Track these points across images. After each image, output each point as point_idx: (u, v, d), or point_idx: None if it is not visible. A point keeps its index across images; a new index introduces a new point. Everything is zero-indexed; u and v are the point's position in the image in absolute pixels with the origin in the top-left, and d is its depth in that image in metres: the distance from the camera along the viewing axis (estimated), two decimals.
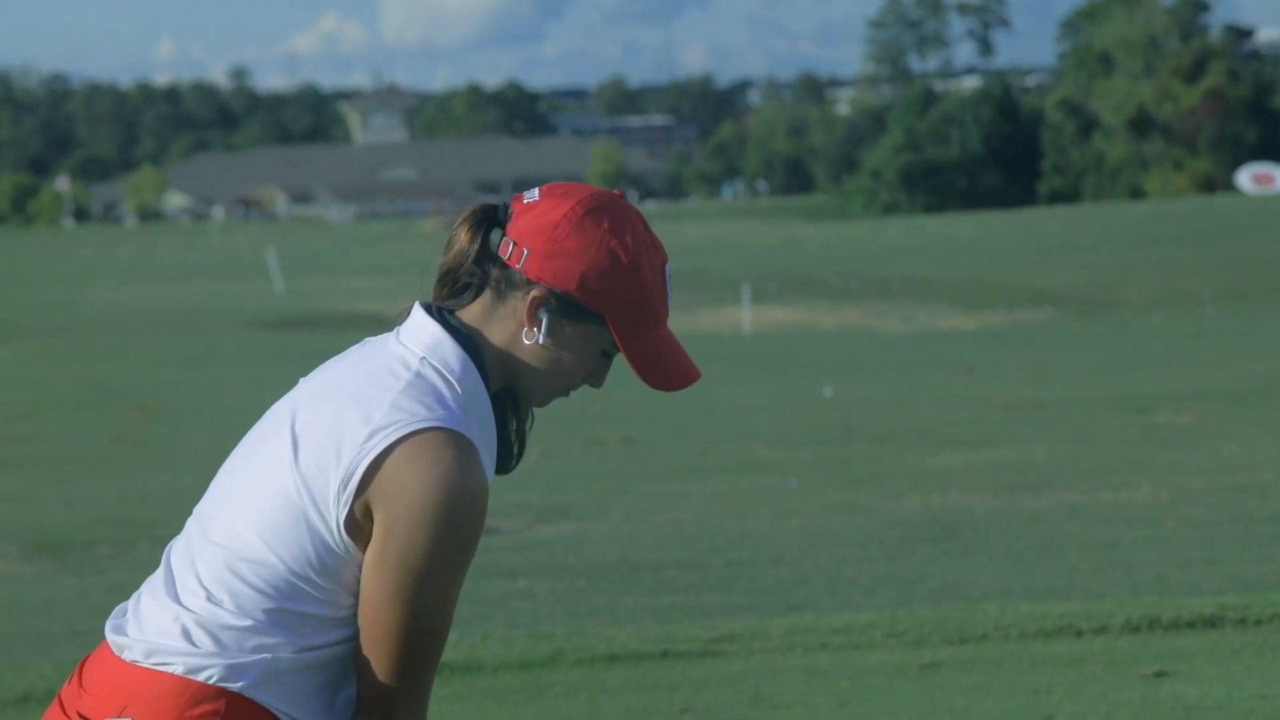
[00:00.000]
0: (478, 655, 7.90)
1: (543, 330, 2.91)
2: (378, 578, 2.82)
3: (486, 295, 2.95)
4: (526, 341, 2.93)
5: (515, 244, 2.92)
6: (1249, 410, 21.06)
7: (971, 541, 12.58)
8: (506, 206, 2.99)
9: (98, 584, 11.78)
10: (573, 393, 3.01)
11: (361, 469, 2.81)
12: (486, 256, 2.96)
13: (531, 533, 13.83)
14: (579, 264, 2.90)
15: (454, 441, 2.81)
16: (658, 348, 2.94)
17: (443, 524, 2.79)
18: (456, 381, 2.88)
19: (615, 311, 2.92)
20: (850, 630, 8.22)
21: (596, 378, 2.99)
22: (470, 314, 2.96)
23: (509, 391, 3.01)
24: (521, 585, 11.22)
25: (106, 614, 3.08)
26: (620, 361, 3.00)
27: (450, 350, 2.90)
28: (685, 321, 41.15)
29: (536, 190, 2.98)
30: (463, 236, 2.96)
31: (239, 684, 2.83)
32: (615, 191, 2.99)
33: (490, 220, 2.98)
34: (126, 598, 3.05)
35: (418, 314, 2.95)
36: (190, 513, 3.01)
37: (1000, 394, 23.90)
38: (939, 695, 7.16)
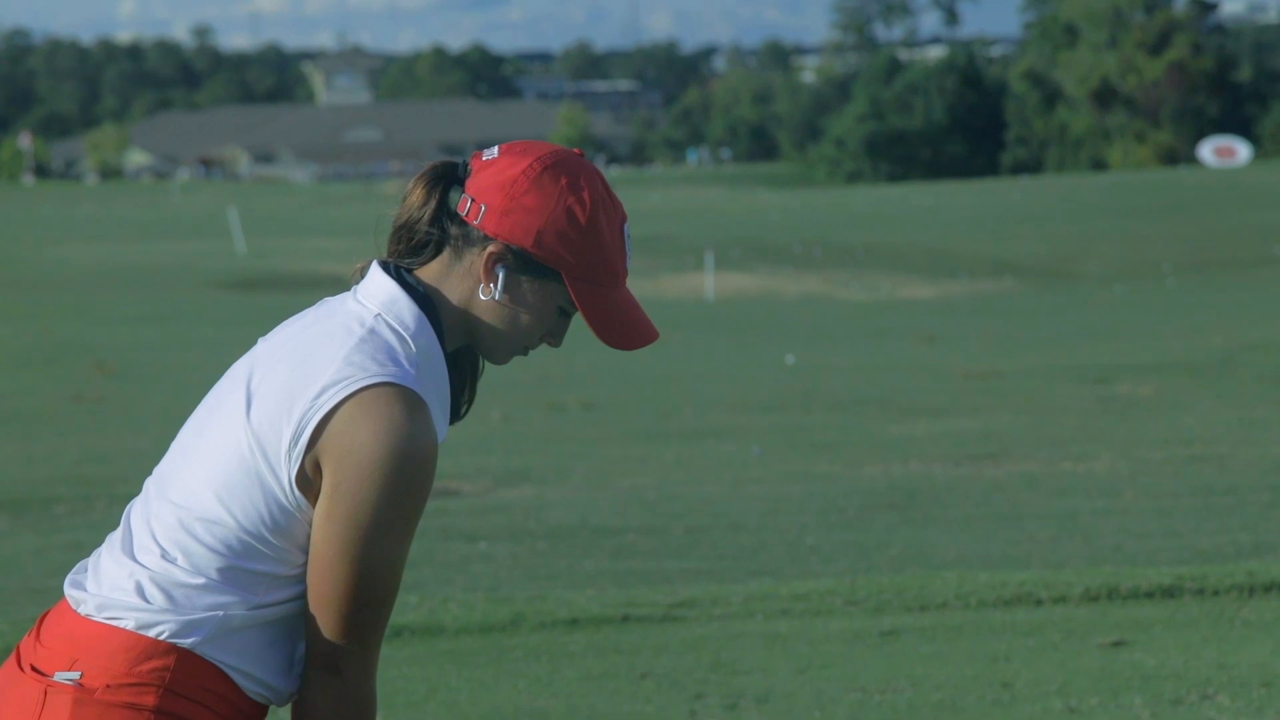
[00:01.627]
0: (438, 618, 7.89)
1: (499, 287, 2.90)
2: (326, 533, 2.81)
3: (445, 253, 2.94)
4: (483, 298, 2.92)
5: (473, 200, 2.92)
6: (1208, 382, 21.15)
7: (931, 510, 12.61)
8: (465, 164, 2.98)
9: (56, 542, 11.73)
10: (531, 351, 3.01)
11: (312, 424, 2.81)
12: (445, 214, 2.95)
13: (492, 496, 13.81)
14: (536, 220, 2.89)
15: (404, 397, 2.81)
16: (615, 307, 2.94)
17: (391, 479, 2.78)
18: (410, 338, 2.87)
19: (572, 269, 2.91)
20: (810, 597, 8.24)
21: (555, 336, 2.98)
22: (429, 272, 2.95)
23: (467, 349, 3.01)
24: (482, 548, 11.21)
25: (64, 572, 3.07)
26: (580, 322, 2.99)
27: (405, 307, 2.89)
28: (648, 287, 41.12)
29: (496, 148, 2.98)
30: (417, 193, 2.96)
31: (190, 640, 2.84)
32: (575, 150, 2.99)
33: (448, 177, 2.97)
34: (84, 556, 3.05)
35: (375, 272, 2.95)
36: (149, 472, 3.01)
37: (961, 363, 23.95)
38: (898, 662, 7.19)
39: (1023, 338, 28.73)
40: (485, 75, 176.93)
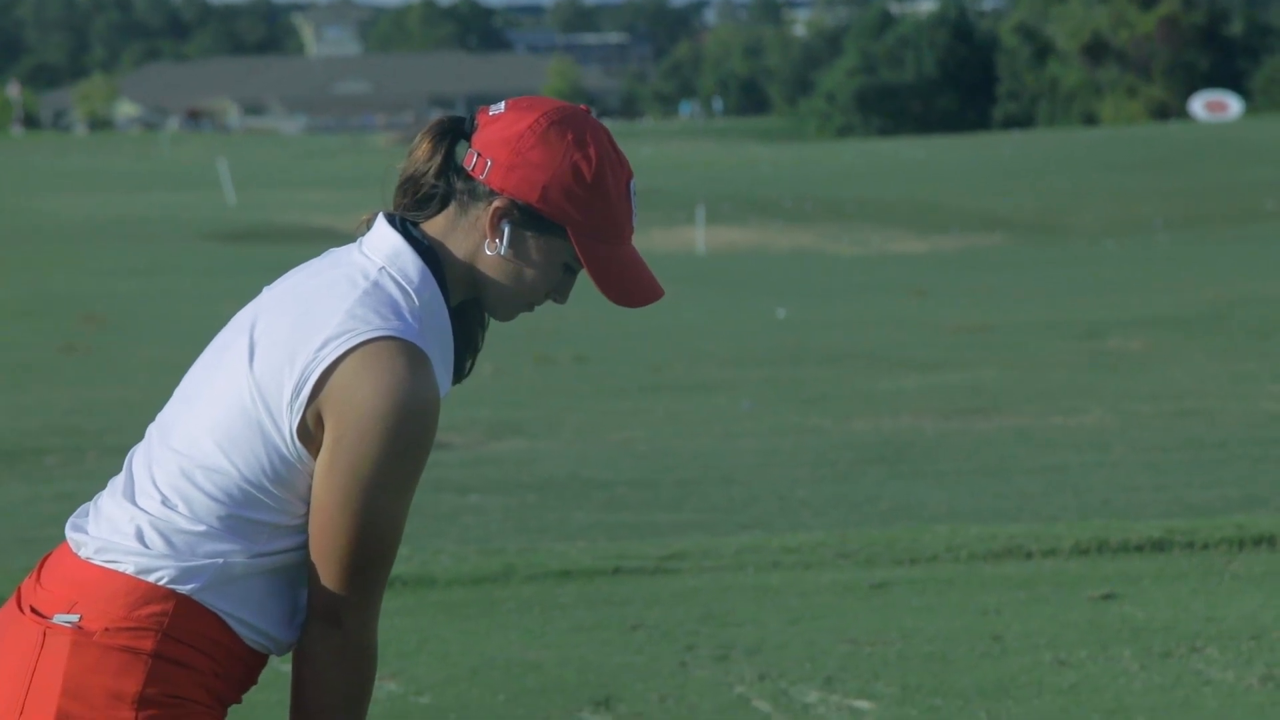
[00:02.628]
0: (430, 569, 7.91)
1: (504, 241, 2.90)
2: (328, 486, 2.82)
3: (451, 207, 2.94)
4: (489, 253, 2.91)
5: (479, 155, 2.92)
6: (1198, 337, 21.18)
7: (922, 464, 12.64)
8: (472, 119, 2.98)
9: (46, 492, 11.74)
10: (536, 308, 3.01)
11: (314, 377, 2.81)
12: (451, 168, 2.95)
13: (483, 448, 13.83)
14: (542, 175, 2.89)
15: (406, 351, 2.81)
16: (620, 263, 2.94)
17: (392, 433, 2.79)
18: (414, 292, 2.87)
19: (577, 224, 2.90)
20: (801, 549, 8.26)
21: (560, 293, 2.98)
22: (434, 226, 2.95)
23: (473, 304, 3.01)
24: (473, 501, 11.23)
25: (55, 522, 3.09)
26: (583, 277, 2.99)
27: (409, 260, 2.89)
28: (639, 240, 40.76)
29: (503, 103, 2.98)
30: (424, 147, 2.96)
31: (189, 587, 2.84)
32: (582, 106, 2.98)
33: (455, 132, 2.97)
34: (75, 506, 3.05)
35: (380, 224, 2.95)
36: (140, 422, 3.01)
37: (951, 318, 23.97)
38: (889, 614, 7.21)
39: (1013, 292, 28.75)
40: (475, 28, 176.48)
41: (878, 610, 7.29)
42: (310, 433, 2.83)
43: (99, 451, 13.37)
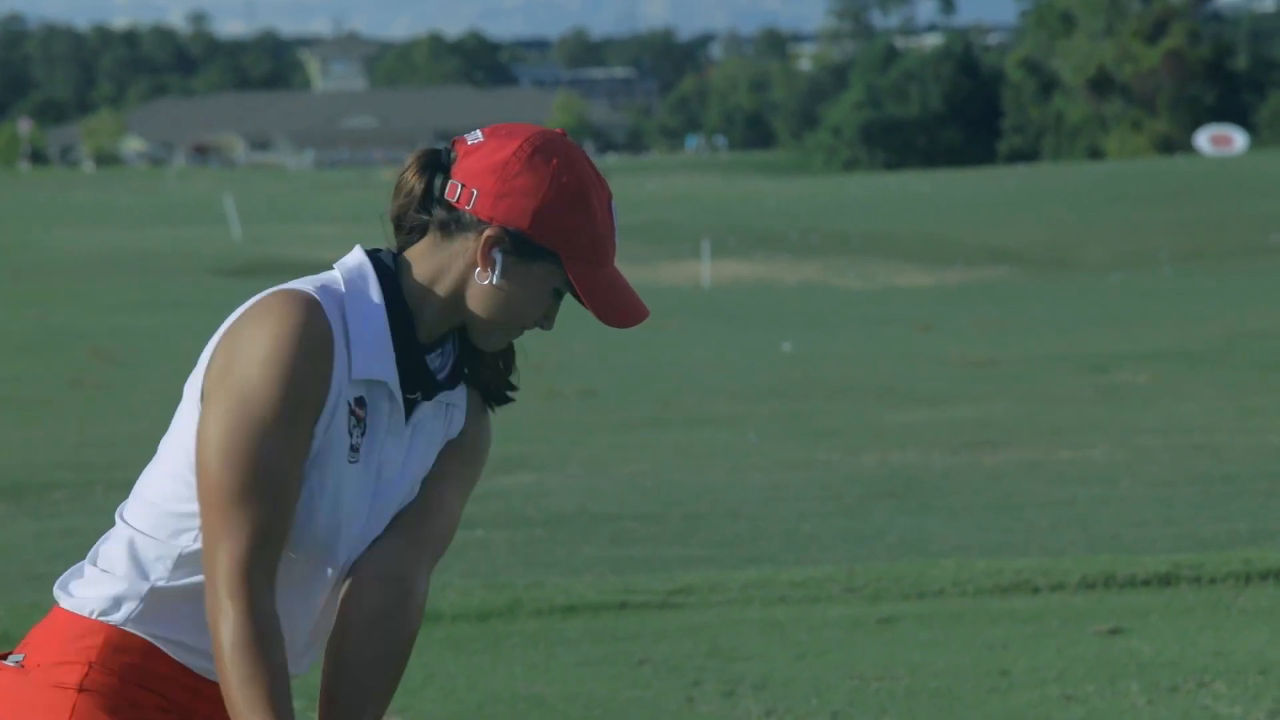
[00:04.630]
0: (436, 604, 7.90)
1: (497, 270, 2.87)
2: (208, 414, 2.79)
3: (432, 236, 2.91)
4: (480, 283, 2.88)
5: (463, 186, 2.88)
6: (1205, 370, 21.17)
7: (929, 498, 12.62)
8: (449, 150, 2.96)
9: (54, 527, 11.73)
10: (524, 332, 2.99)
11: (213, 341, 2.83)
12: (431, 200, 2.92)
13: (490, 483, 13.81)
14: (531, 201, 2.87)
15: (293, 296, 2.80)
16: (609, 284, 2.91)
17: (271, 360, 2.77)
18: (343, 276, 2.87)
19: (568, 248, 2.88)
20: (808, 584, 8.25)
21: (548, 319, 2.96)
22: (415, 254, 2.92)
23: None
24: (479, 535, 11.21)
25: (63, 557, 3.11)
26: (570, 306, 2.98)
27: (355, 260, 2.90)
28: (645, 274, 41.13)
29: (479, 132, 2.95)
30: (412, 180, 2.94)
31: (117, 615, 2.85)
32: (559, 130, 2.98)
33: (434, 165, 2.94)
34: (82, 541, 3.06)
35: (354, 250, 2.95)
36: (151, 456, 3.01)
37: (958, 351, 23.96)
38: (896, 649, 7.20)
39: (1020, 326, 28.74)
40: (482, 62, 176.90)
41: (885, 645, 7.27)
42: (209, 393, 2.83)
43: (106, 486, 13.36)
